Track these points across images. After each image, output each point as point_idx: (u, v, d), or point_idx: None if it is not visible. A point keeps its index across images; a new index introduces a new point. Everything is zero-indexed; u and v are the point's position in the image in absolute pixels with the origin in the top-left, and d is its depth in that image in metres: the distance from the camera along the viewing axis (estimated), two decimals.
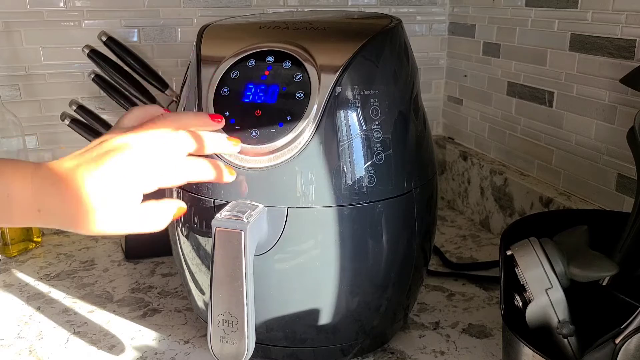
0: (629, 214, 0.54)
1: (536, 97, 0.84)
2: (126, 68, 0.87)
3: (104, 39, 0.88)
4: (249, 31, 0.61)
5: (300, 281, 0.55)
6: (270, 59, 0.55)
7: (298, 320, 0.56)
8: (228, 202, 0.52)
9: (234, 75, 0.55)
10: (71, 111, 0.85)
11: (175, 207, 0.49)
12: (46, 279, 0.80)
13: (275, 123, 0.52)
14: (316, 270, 0.54)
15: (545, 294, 0.49)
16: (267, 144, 0.52)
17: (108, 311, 0.72)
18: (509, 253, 0.52)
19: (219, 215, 0.50)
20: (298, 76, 0.53)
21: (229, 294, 0.49)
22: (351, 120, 0.53)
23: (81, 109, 0.85)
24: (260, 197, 0.52)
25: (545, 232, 0.54)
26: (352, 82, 0.53)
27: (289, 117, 0.52)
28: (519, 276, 0.50)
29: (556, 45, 0.79)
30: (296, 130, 0.52)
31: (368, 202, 0.54)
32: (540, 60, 0.82)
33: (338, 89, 0.52)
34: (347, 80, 0.53)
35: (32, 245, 0.90)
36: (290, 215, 0.52)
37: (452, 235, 0.93)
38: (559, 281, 0.49)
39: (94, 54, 0.86)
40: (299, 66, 0.53)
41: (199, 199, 0.55)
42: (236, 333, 0.50)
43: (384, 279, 0.57)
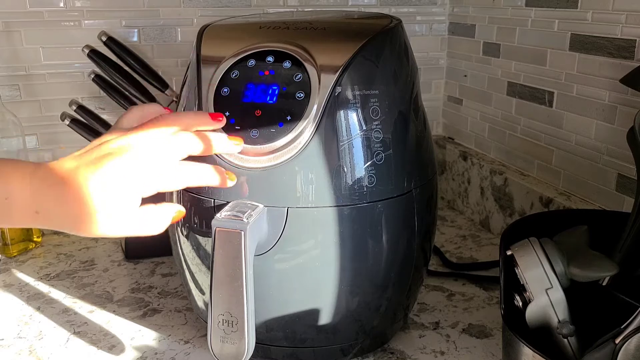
0: (629, 214, 0.54)
1: (536, 97, 0.84)
2: (126, 68, 0.87)
3: (104, 39, 0.88)
4: (249, 31, 0.61)
5: (300, 281, 0.55)
6: (270, 59, 0.55)
7: (298, 320, 0.56)
8: (228, 202, 0.52)
9: (234, 75, 0.55)
10: (71, 111, 0.85)
11: (174, 211, 0.49)
12: (46, 279, 0.80)
13: (275, 123, 0.52)
14: (316, 270, 0.54)
15: (545, 294, 0.49)
16: (267, 144, 0.52)
17: (108, 311, 0.72)
18: (509, 253, 0.52)
19: (219, 215, 0.50)
20: (298, 76, 0.53)
21: (229, 294, 0.49)
22: (351, 120, 0.53)
23: (81, 109, 0.85)
24: (260, 197, 0.52)
25: (545, 232, 0.54)
26: (352, 82, 0.53)
27: (289, 117, 0.52)
28: (519, 276, 0.50)
29: (556, 45, 0.79)
30: (296, 130, 0.51)
31: (368, 202, 0.54)
32: (540, 60, 0.82)
33: (338, 89, 0.52)
34: (347, 80, 0.53)
35: (32, 245, 0.90)
36: (290, 215, 0.52)
37: (452, 235, 0.93)
38: (559, 281, 0.49)
39: (94, 54, 0.86)
40: (299, 66, 0.53)
41: (199, 199, 0.55)
42: (236, 333, 0.50)
43: (384, 279, 0.57)
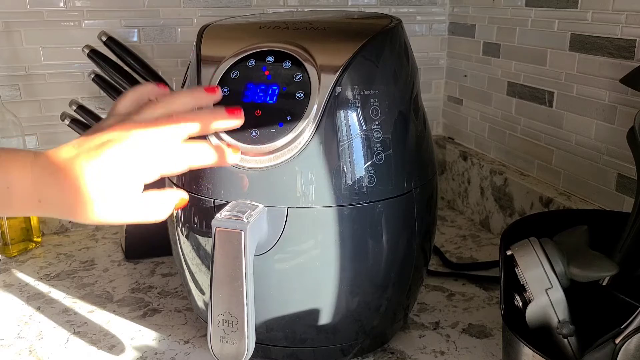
0: (629, 214, 0.54)
1: (536, 97, 0.84)
2: (126, 68, 0.87)
3: (104, 39, 0.88)
4: (249, 31, 0.61)
5: (300, 281, 0.55)
6: (270, 59, 0.55)
7: (298, 320, 0.56)
8: (228, 202, 0.52)
9: (234, 75, 0.55)
10: (71, 111, 0.85)
11: (178, 197, 0.49)
12: (46, 279, 0.80)
13: (275, 123, 0.52)
14: (316, 270, 0.54)
15: (545, 294, 0.48)
16: (267, 144, 0.52)
17: (108, 311, 0.72)
18: (509, 253, 0.52)
19: (219, 215, 0.50)
20: (298, 76, 0.53)
21: (229, 294, 0.49)
22: (351, 120, 0.53)
23: (81, 109, 0.85)
24: (260, 197, 0.52)
25: (545, 232, 0.53)
26: (352, 82, 0.53)
27: (289, 117, 0.52)
28: (519, 276, 0.50)
29: (556, 45, 0.79)
30: (296, 130, 0.51)
31: (368, 202, 0.54)
32: (540, 60, 0.82)
33: (338, 89, 0.52)
34: (347, 80, 0.53)
35: (32, 245, 0.90)
36: (290, 215, 0.52)
37: (452, 235, 0.93)
38: (559, 281, 0.49)
39: (94, 54, 0.86)
40: (299, 66, 0.53)
41: (199, 199, 0.55)
42: (236, 333, 0.50)
43: (384, 279, 0.57)
